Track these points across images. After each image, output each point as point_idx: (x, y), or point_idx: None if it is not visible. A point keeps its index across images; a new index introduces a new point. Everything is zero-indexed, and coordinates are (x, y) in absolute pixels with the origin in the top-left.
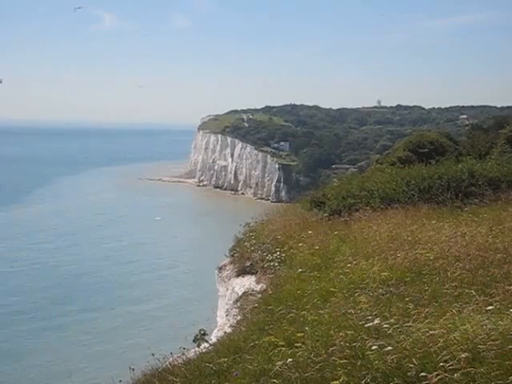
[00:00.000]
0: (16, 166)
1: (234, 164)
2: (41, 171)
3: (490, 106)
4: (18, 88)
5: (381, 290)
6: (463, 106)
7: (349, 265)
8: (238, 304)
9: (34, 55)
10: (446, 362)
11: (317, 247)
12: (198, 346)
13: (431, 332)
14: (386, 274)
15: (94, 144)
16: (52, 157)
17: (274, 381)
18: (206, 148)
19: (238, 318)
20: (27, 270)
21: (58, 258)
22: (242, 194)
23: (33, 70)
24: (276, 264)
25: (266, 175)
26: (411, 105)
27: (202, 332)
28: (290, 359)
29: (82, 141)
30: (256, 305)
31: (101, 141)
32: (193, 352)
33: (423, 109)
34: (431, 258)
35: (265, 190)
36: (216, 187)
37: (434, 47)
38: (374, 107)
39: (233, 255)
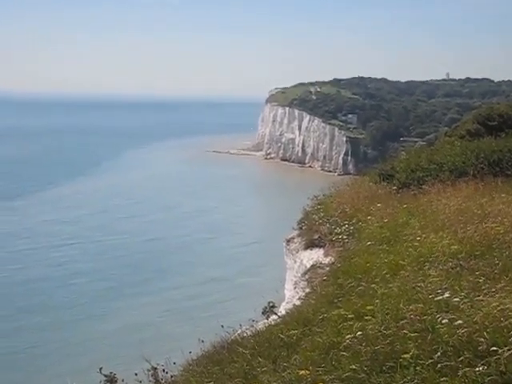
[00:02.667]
0: (80, 138)
1: (302, 137)
2: (108, 144)
3: None
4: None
5: (450, 264)
6: None
7: (418, 238)
8: (307, 277)
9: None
10: None
11: (385, 220)
12: (267, 318)
13: (502, 306)
14: (455, 247)
15: (156, 117)
16: (116, 130)
17: (344, 354)
18: (274, 121)
19: (307, 290)
20: (97, 251)
21: (146, 230)
22: (310, 166)
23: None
24: (344, 237)
25: (334, 148)
26: (480, 77)
27: (271, 304)
28: (359, 332)
29: (143, 114)
30: (325, 278)
31: (161, 113)
32: (262, 324)
33: (492, 81)
34: (501, 231)
35: (332, 162)
36: (283, 160)
37: (502, 17)
38: (443, 80)
39: (301, 228)
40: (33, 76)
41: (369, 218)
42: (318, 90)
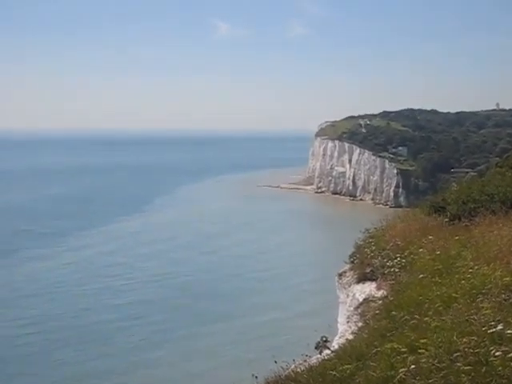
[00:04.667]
0: (136, 176)
1: (352, 170)
2: (161, 180)
3: None
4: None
5: (503, 296)
6: None
7: (470, 270)
8: (359, 310)
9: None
10: None
11: (437, 252)
12: (320, 353)
13: None
14: (508, 279)
15: (206, 152)
16: (167, 166)
17: None
18: (324, 154)
19: (360, 324)
20: (154, 281)
21: (190, 266)
22: (361, 199)
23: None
24: (396, 270)
25: (385, 180)
26: None
27: (324, 339)
28: (413, 366)
29: (194, 149)
30: (377, 311)
31: (211, 148)
32: (315, 359)
33: None
34: None
35: (383, 195)
36: (334, 193)
37: None
38: (493, 110)
39: (353, 261)
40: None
41: (421, 250)
42: (368, 122)
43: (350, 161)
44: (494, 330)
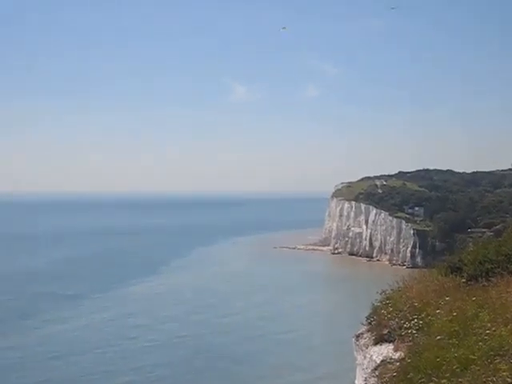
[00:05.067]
0: (154, 238)
1: (369, 231)
2: (175, 243)
3: None
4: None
5: None
6: None
7: (488, 331)
8: (377, 373)
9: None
10: None
11: (455, 314)
12: None
13: None
14: None
15: (221, 214)
16: (180, 229)
17: None
18: (340, 215)
19: None
20: (174, 343)
21: (209, 328)
22: (378, 260)
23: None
24: (414, 331)
25: (401, 241)
26: None
27: None
28: None
29: (207, 211)
30: (394, 373)
31: (225, 210)
32: None
33: None
34: None
35: (400, 255)
36: (351, 254)
37: None
38: (509, 169)
39: (370, 323)
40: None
41: (438, 311)
42: (384, 183)
43: (366, 221)
44: None
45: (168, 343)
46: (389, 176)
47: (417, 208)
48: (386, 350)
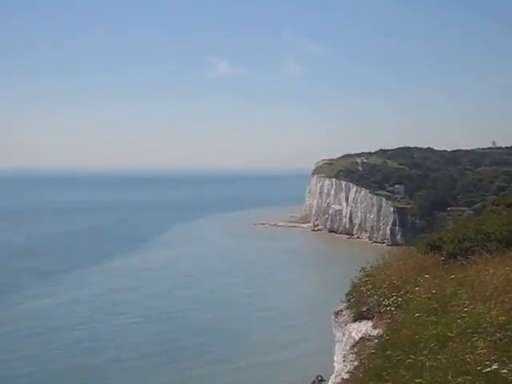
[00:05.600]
0: (136, 213)
1: (349, 208)
2: (158, 218)
3: None
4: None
5: (499, 335)
6: None
7: (466, 309)
8: (355, 349)
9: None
10: None
11: (433, 291)
12: None
13: None
14: (503, 318)
15: (204, 190)
16: (163, 204)
17: None
18: (321, 192)
19: (355, 363)
20: (158, 319)
21: (188, 305)
22: (358, 237)
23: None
24: (392, 309)
25: (381, 218)
26: None
27: (319, 378)
28: None
29: (190, 188)
30: (373, 350)
31: (209, 187)
32: None
33: None
34: None
35: (380, 233)
36: (331, 231)
37: None
38: (489, 148)
39: (349, 300)
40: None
41: (417, 289)
42: (365, 160)
43: (346, 199)
44: (489, 369)
45: (151, 320)
46: (369, 153)
47: (397, 186)
48: (364, 327)
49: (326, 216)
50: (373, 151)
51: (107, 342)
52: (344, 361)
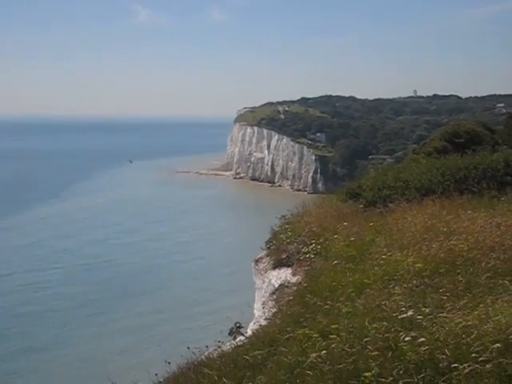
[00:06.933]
0: (56, 161)
1: (271, 156)
2: (78, 166)
3: None
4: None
5: (415, 282)
6: (500, 95)
7: (383, 256)
8: (274, 296)
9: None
10: (478, 353)
11: (352, 239)
12: (234, 339)
13: (464, 323)
14: (420, 265)
15: (126, 139)
16: (87, 152)
17: (308, 372)
18: (243, 140)
19: (274, 310)
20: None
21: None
22: (279, 185)
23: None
24: (311, 256)
25: (303, 167)
26: (447, 94)
27: (238, 325)
28: (324, 351)
29: (113, 136)
30: (291, 297)
31: (131, 135)
32: (228, 345)
33: (460, 98)
34: (466, 248)
35: (302, 181)
36: (253, 179)
37: (470, 36)
38: (410, 97)
39: (269, 248)
40: None
41: (335, 236)
42: (287, 109)
43: (268, 147)
44: (405, 315)
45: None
46: (291, 102)
47: (319, 134)
48: (284, 274)
49: (248, 164)
50: (295, 99)
51: (41, 294)
52: (263, 308)
